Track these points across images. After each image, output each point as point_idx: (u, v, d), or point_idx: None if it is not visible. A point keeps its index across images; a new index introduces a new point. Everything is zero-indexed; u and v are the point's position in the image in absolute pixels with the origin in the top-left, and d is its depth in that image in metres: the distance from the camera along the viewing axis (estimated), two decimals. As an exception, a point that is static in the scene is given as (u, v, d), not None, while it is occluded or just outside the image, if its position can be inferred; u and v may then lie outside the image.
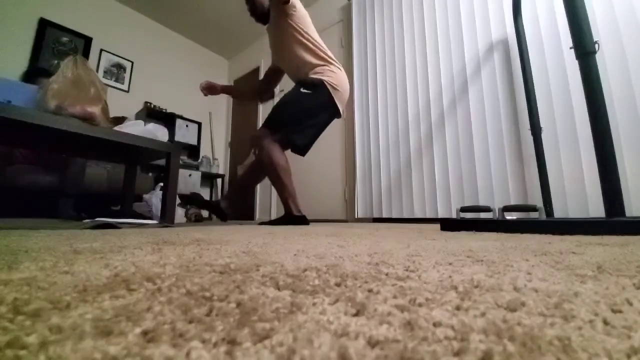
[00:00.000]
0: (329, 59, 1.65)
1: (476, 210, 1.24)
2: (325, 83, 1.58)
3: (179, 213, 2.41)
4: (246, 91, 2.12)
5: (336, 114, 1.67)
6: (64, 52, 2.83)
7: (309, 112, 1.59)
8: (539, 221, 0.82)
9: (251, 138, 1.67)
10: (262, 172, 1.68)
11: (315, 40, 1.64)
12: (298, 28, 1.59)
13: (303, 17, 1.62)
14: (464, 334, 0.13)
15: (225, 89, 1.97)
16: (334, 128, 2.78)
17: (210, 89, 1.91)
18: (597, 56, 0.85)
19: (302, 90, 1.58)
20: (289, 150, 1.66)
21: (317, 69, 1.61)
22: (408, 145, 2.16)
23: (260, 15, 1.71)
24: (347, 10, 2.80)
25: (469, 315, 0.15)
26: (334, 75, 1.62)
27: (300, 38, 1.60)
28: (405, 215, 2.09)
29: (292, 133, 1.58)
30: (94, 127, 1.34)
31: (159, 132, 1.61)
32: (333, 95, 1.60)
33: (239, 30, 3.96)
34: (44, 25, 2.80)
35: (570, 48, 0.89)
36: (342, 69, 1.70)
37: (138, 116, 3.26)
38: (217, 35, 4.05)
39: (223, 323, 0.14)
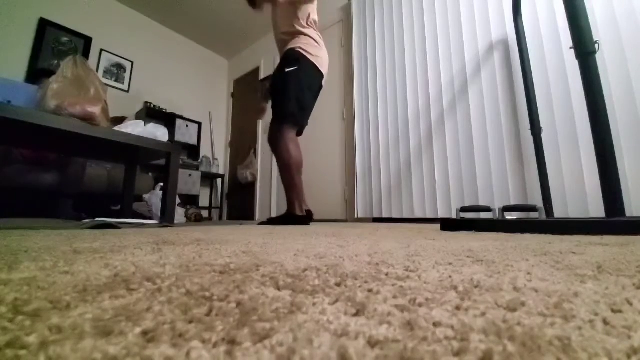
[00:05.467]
0: (305, 29, 1.67)
1: (476, 210, 1.24)
2: (302, 52, 1.61)
3: (179, 213, 2.41)
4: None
5: (321, 80, 1.72)
6: (64, 52, 2.83)
7: (305, 86, 1.62)
8: (539, 221, 0.82)
9: (269, 138, 1.67)
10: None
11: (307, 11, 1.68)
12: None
13: None
14: (464, 334, 0.13)
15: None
16: (334, 128, 2.80)
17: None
18: (597, 56, 0.85)
19: (287, 70, 1.60)
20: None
21: (294, 40, 1.65)
22: (408, 145, 2.16)
23: None
24: (347, 10, 2.80)
25: (469, 315, 0.15)
26: (309, 42, 1.66)
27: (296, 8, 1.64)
28: (405, 215, 2.09)
29: (299, 114, 1.61)
30: (94, 127, 1.34)
31: (159, 132, 1.61)
32: (314, 62, 1.64)
33: (239, 30, 3.96)
34: (44, 25, 2.80)
35: (570, 48, 0.89)
36: (318, 37, 1.72)
37: (138, 116, 3.26)
38: (217, 35, 4.05)
39: (223, 323, 0.14)
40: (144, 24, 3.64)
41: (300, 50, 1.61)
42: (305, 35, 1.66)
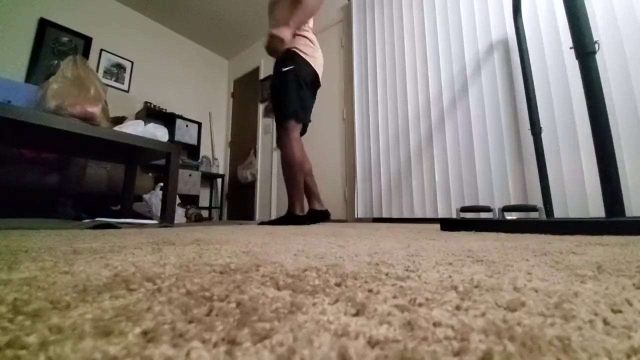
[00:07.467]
0: (302, 31, 1.69)
1: (476, 210, 1.24)
2: (297, 51, 1.63)
3: (179, 213, 2.41)
4: None
5: (318, 79, 1.74)
6: (64, 52, 2.83)
7: (303, 83, 1.64)
8: (539, 221, 0.82)
9: (277, 141, 1.70)
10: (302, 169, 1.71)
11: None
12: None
13: None
14: (464, 334, 0.13)
15: None
16: (334, 128, 2.80)
17: None
18: (597, 56, 0.85)
19: (283, 70, 1.61)
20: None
21: (291, 41, 1.66)
22: (408, 145, 2.16)
23: None
24: (347, 10, 2.80)
25: (469, 315, 0.15)
26: (306, 43, 1.68)
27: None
28: (405, 215, 2.09)
29: (301, 112, 1.64)
30: (94, 127, 1.34)
31: (159, 132, 1.61)
32: (309, 62, 1.66)
33: (239, 30, 3.96)
34: (44, 25, 2.80)
35: (570, 48, 0.89)
36: (314, 38, 1.74)
37: (138, 116, 3.26)
38: (217, 35, 4.05)
39: (223, 323, 0.14)
40: (144, 24, 3.64)
41: (296, 50, 1.63)
42: (302, 36, 1.68)
